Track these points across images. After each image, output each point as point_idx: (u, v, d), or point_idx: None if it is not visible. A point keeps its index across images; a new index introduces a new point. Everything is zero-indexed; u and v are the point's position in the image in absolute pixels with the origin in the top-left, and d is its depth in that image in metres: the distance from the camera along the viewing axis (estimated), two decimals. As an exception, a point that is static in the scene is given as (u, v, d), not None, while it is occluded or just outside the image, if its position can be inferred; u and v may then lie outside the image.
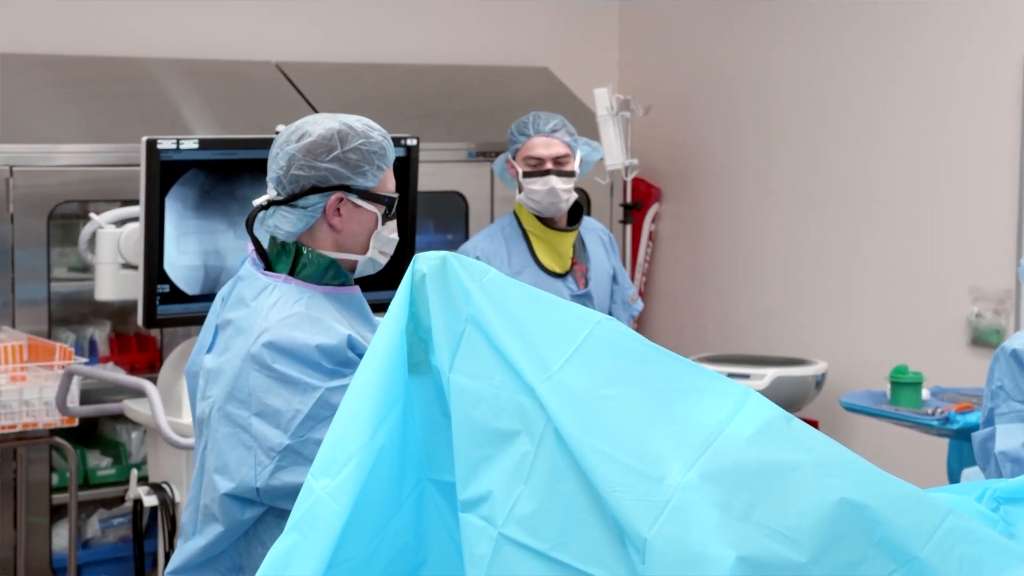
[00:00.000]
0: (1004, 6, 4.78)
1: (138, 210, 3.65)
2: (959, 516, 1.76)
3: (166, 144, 3.56)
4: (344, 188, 2.45)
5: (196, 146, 3.61)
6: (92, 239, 3.86)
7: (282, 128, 2.52)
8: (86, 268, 4.27)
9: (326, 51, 5.48)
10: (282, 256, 2.47)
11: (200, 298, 3.66)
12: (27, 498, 4.40)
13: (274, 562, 1.79)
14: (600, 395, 1.79)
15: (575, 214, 4.11)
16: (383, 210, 2.50)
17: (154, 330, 4.67)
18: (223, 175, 3.69)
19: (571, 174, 4.02)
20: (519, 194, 4.04)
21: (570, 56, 6.02)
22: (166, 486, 3.76)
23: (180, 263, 3.65)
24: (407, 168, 3.86)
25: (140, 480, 3.85)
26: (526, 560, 1.74)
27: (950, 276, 4.93)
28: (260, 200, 2.48)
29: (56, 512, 4.51)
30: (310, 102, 5.03)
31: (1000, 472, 2.64)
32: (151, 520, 3.99)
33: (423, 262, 1.91)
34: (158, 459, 3.84)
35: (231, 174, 3.70)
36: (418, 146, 3.90)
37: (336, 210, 2.46)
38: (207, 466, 2.39)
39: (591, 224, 4.24)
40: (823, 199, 5.40)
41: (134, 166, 3.67)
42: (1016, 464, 2.61)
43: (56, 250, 4.52)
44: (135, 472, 3.86)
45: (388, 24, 5.66)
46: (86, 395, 4.23)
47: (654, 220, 6.05)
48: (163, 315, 3.65)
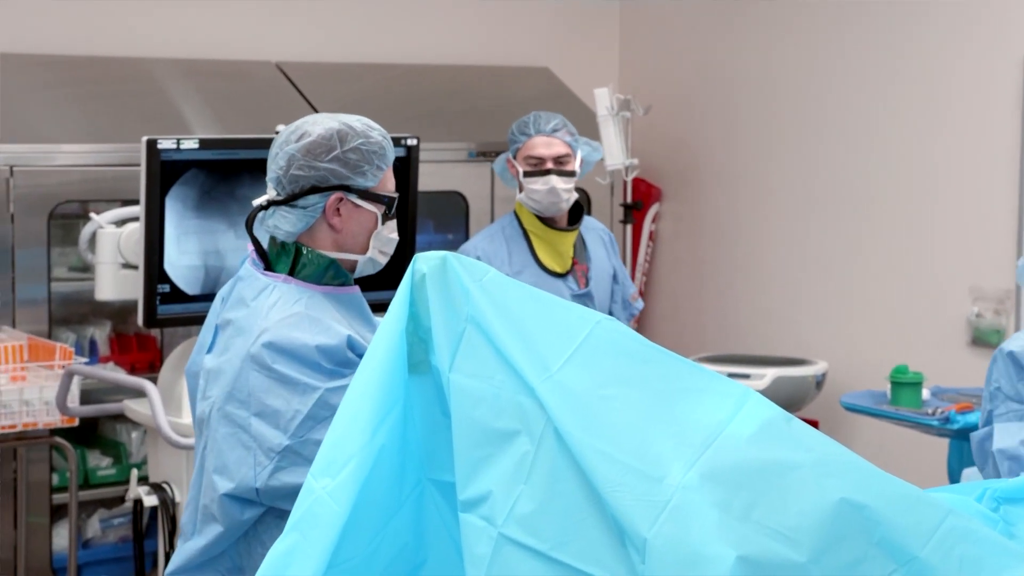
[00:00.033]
0: (1004, 6, 4.78)
1: (138, 210, 3.65)
2: (959, 516, 1.76)
3: (166, 144, 3.56)
4: (344, 188, 2.44)
5: (196, 146, 3.61)
6: (92, 239, 3.86)
7: (282, 128, 2.52)
8: (86, 268, 4.27)
9: (326, 51, 5.48)
10: (282, 256, 2.47)
11: (200, 298, 3.66)
12: (27, 498, 4.40)
13: (274, 562, 1.79)
14: (600, 395, 1.79)
15: (576, 214, 4.11)
16: (383, 210, 2.49)
17: (154, 330, 4.67)
18: (223, 175, 3.69)
19: (572, 174, 4.02)
20: (520, 194, 4.04)
21: (570, 56, 6.02)
22: (166, 486, 3.76)
23: (180, 263, 3.65)
24: (407, 168, 3.86)
25: (140, 480, 3.85)
26: (526, 560, 1.74)
27: (950, 276, 4.92)
28: (260, 200, 2.48)
29: (56, 512, 4.51)
30: (310, 102, 5.03)
31: (998, 470, 2.64)
32: (151, 520, 3.99)
33: (423, 262, 1.91)
34: (158, 459, 3.84)
35: (231, 174, 3.70)
36: (418, 146, 3.90)
37: (336, 210, 2.45)
38: (207, 466, 2.39)
39: (591, 224, 4.25)
40: (823, 199, 5.40)
41: (134, 166, 3.67)
42: (1014, 461, 2.61)
43: (56, 250, 4.51)
44: (135, 472, 3.86)
45: (388, 24, 5.66)
46: (86, 395, 4.23)
47: (654, 220, 6.05)
48: (163, 315, 3.65)
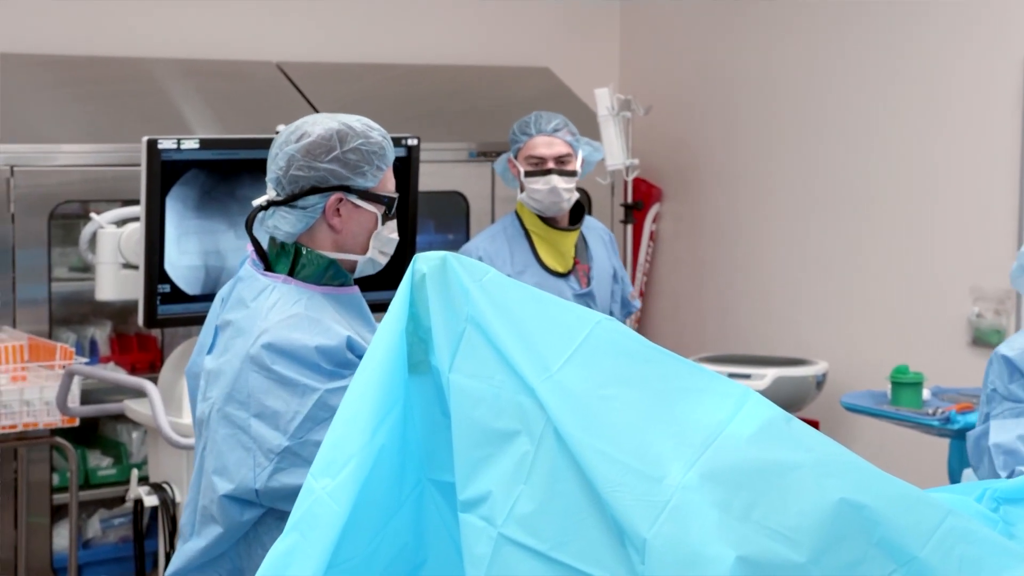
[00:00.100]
0: (1004, 6, 4.78)
1: (139, 210, 3.65)
2: (959, 516, 1.76)
3: (167, 144, 3.56)
4: (344, 188, 2.44)
5: (197, 146, 3.61)
6: (93, 239, 3.86)
7: (282, 128, 2.52)
8: (87, 268, 4.27)
9: (327, 51, 5.48)
10: (281, 256, 2.47)
11: (201, 298, 3.66)
12: (28, 498, 4.40)
13: (274, 562, 1.79)
14: (600, 395, 1.79)
15: (577, 213, 4.11)
16: (383, 210, 2.49)
17: (155, 330, 4.67)
18: (224, 175, 3.69)
19: (573, 173, 4.02)
20: (521, 194, 4.04)
21: (571, 56, 6.02)
22: (167, 486, 3.76)
23: (181, 263, 3.65)
24: (408, 168, 3.86)
25: (141, 480, 3.85)
26: (526, 560, 1.74)
27: (950, 276, 4.92)
28: (259, 200, 2.48)
29: (57, 512, 4.51)
30: (311, 102, 5.03)
31: (993, 466, 2.63)
32: (152, 520, 4.00)
33: (423, 262, 1.91)
34: (159, 459, 3.84)
35: (232, 174, 3.70)
36: (419, 146, 3.90)
37: (336, 210, 2.45)
38: (206, 467, 2.38)
39: (592, 223, 4.25)
40: (823, 199, 5.40)
41: (135, 166, 3.67)
42: (1010, 456, 2.61)
43: (57, 250, 4.51)
44: (136, 472, 3.86)
45: (388, 24, 5.66)
46: (87, 395, 4.23)
47: (655, 220, 6.06)
48: (164, 315, 3.65)
